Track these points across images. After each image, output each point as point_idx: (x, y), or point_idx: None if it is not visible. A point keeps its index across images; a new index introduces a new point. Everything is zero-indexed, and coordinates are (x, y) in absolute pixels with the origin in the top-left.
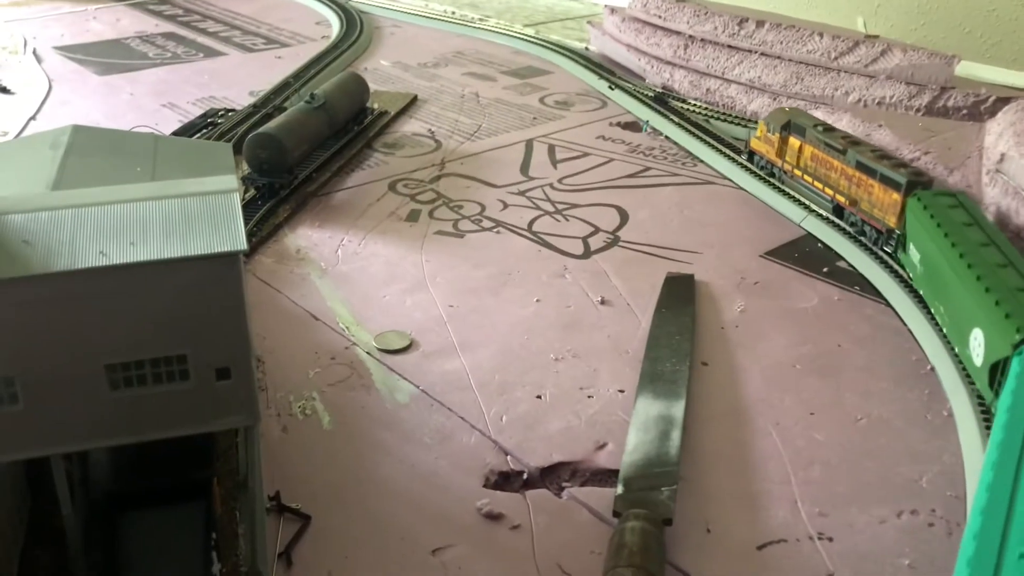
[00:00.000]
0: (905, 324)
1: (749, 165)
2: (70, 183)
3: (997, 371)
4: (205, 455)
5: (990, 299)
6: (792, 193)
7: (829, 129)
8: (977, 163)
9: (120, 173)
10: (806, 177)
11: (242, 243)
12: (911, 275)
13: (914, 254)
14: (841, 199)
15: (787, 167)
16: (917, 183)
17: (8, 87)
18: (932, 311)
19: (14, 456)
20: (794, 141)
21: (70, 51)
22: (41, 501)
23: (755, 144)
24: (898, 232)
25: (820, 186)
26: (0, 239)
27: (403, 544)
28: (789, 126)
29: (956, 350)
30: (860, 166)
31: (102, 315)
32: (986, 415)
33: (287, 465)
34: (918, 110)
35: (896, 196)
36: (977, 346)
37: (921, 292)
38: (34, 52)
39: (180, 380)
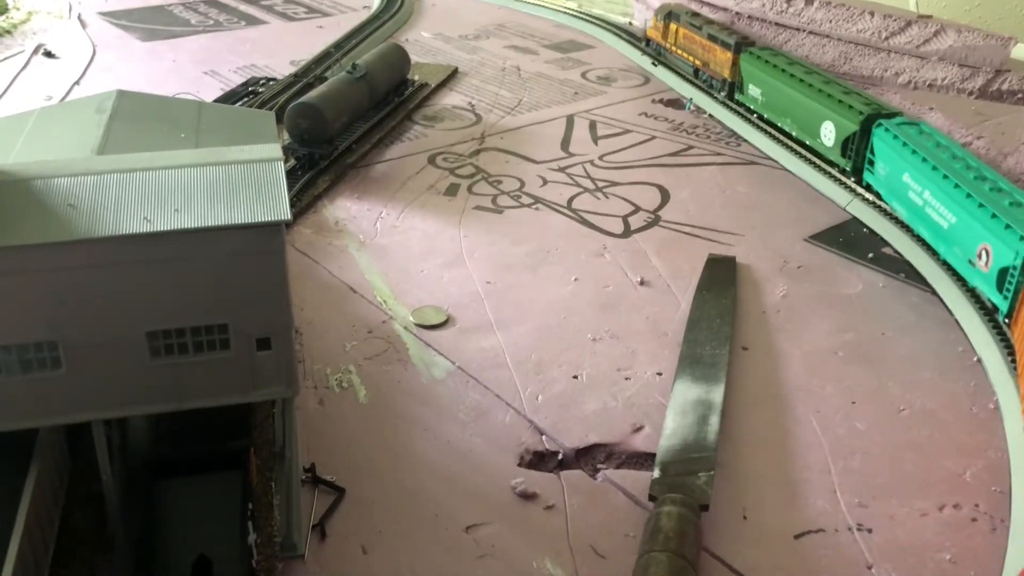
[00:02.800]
0: (951, 313)
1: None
2: (115, 148)
3: (847, 146)
4: (242, 425)
5: (834, 101)
6: (830, 171)
7: (696, 15)
8: None
9: (165, 139)
10: (679, 51)
11: (286, 213)
12: (752, 107)
13: (753, 91)
14: (698, 63)
15: (669, 46)
16: (743, 44)
17: (53, 51)
18: (780, 124)
19: (56, 420)
20: (673, 25)
21: (114, 17)
22: (81, 466)
23: (650, 32)
24: (730, 80)
25: (688, 56)
26: (45, 203)
27: (437, 520)
28: (670, 15)
29: (808, 143)
30: (710, 37)
31: (145, 282)
32: None
33: (322, 437)
34: (971, 93)
35: (729, 55)
36: (828, 134)
37: (766, 115)
38: (79, 17)
39: (220, 349)
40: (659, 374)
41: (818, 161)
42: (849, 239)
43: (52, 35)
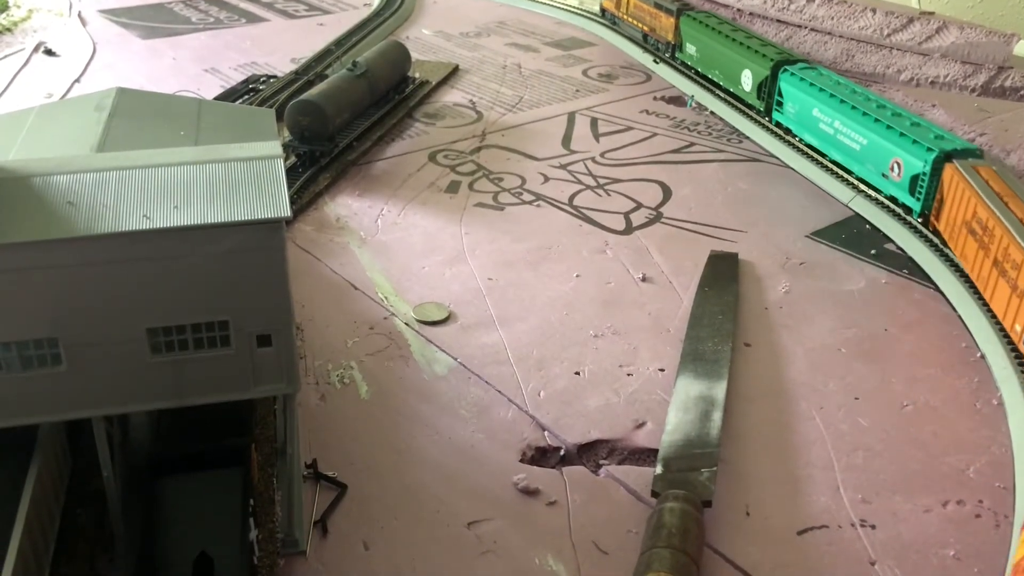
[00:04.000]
0: (955, 309)
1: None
2: (115, 145)
3: (761, 90)
4: (244, 422)
5: (751, 52)
6: (833, 168)
7: None
8: None
9: (164, 136)
10: (630, 19)
11: (286, 210)
12: (690, 63)
13: (689, 48)
14: (646, 28)
15: (622, 15)
16: (683, 8)
17: (53, 49)
18: (710, 76)
19: (56, 417)
20: None
21: (114, 14)
22: (82, 463)
23: (605, 3)
24: (673, 43)
25: (637, 23)
26: (45, 200)
27: (439, 516)
28: None
29: (732, 90)
30: (656, 4)
31: (144, 279)
32: None
33: (324, 433)
34: (973, 90)
35: (672, 19)
36: (746, 80)
37: (700, 69)
38: (79, 15)
39: (221, 346)
40: (661, 370)
41: (820, 160)
42: (851, 235)
43: (52, 33)
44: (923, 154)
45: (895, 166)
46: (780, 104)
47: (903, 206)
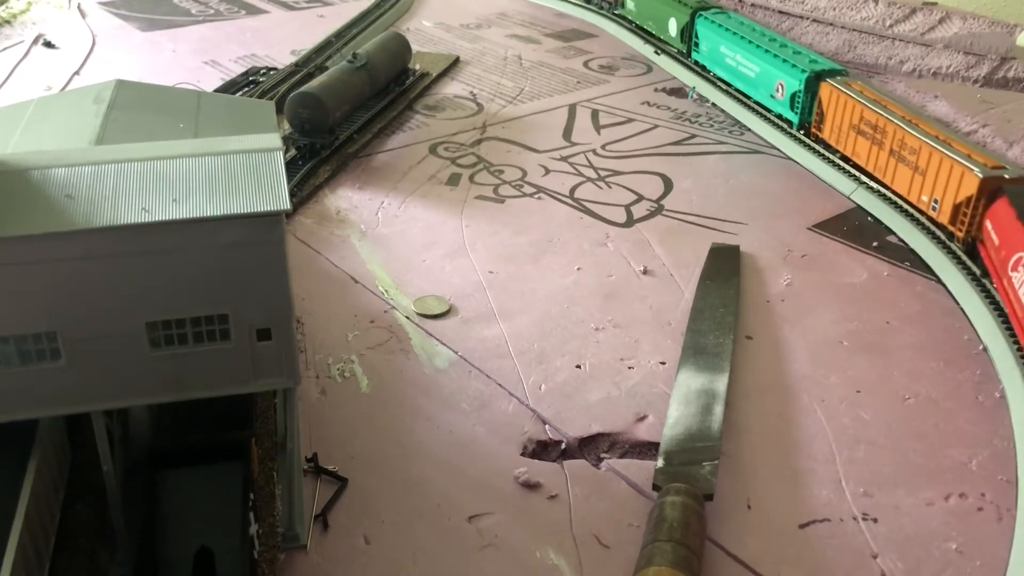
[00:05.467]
0: (957, 302)
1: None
2: (113, 138)
3: (683, 34)
4: (244, 416)
5: (675, 2)
6: (841, 164)
7: None
8: None
9: (163, 129)
10: None
11: (285, 203)
12: (631, 17)
13: (630, 4)
14: None
15: None
16: None
17: (53, 42)
18: (646, 27)
19: (56, 412)
20: None
21: (114, 6)
22: (81, 457)
23: None
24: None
25: None
26: (43, 193)
27: (439, 510)
28: None
29: (663, 37)
30: None
31: (143, 272)
32: None
33: (325, 427)
34: (976, 81)
35: None
36: (672, 27)
37: (638, 23)
38: (78, 7)
39: (221, 340)
40: (663, 363)
41: (819, 148)
42: (853, 228)
43: (51, 25)
44: (799, 75)
45: (779, 88)
46: (697, 45)
47: (787, 121)
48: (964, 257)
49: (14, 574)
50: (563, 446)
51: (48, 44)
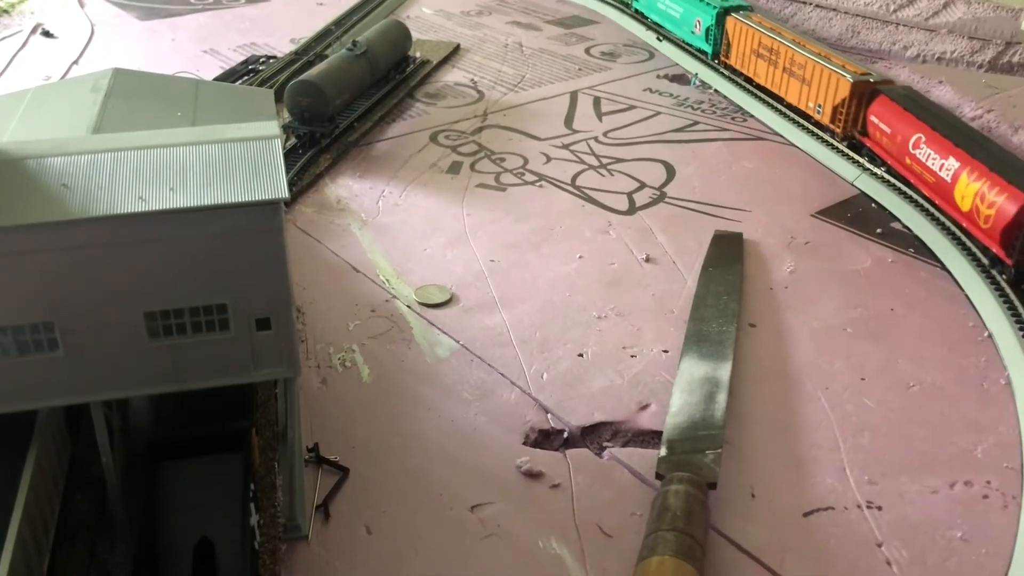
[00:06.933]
0: (961, 288)
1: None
2: (111, 127)
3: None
4: (244, 406)
5: None
6: (838, 146)
7: None
8: None
9: (161, 117)
10: None
11: (283, 191)
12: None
13: None
14: None
15: None
16: None
17: (51, 31)
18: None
19: (54, 402)
20: None
21: None
22: (82, 449)
23: None
24: None
25: None
26: (39, 182)
27: (441, 500)
28: None
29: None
30: None
31: (141, 262)
32: None
33: (326, 417)
34: (980, 66)
35: None
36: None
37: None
38: None
39: (220, 330)
40: (665, 351)
41: (823, 135)
42: (857, 214)
43: (50, 15)
44: (711, 11)
45: (697, 24)
46: None
47: (703, 52)
48: (969, 243)
49: (13, 565)
50: (565, 435)
51: (47, 33)
